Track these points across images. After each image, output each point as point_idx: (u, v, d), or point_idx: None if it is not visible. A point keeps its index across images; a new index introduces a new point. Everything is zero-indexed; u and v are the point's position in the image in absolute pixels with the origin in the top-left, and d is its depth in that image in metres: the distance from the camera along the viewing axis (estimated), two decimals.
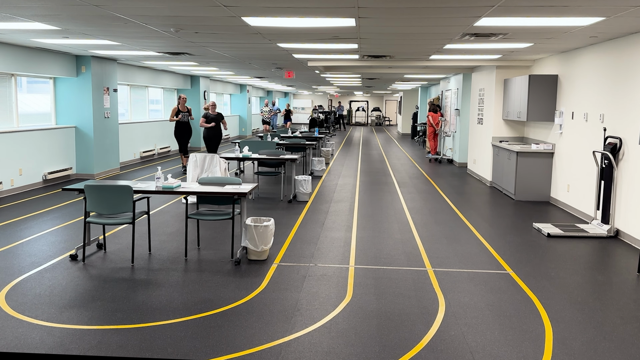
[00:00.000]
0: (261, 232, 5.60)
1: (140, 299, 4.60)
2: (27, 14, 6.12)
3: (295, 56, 10.51)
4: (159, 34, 7.58)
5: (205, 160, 8.71)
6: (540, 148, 9.46)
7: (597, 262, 5.93)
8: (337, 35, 7.41)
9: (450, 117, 15.83)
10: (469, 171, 13.46)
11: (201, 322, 4.14)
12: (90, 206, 5.51)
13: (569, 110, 8.81)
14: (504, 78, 11.16)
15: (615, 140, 7.16)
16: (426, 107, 23.21)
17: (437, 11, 5.52)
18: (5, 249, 6.04)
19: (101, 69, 11.76)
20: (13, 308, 4.36)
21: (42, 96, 11.23)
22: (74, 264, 5.53)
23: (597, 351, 3.74)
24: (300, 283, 5.04)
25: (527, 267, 5.67)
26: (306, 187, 9.18)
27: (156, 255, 5.91)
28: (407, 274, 5.37)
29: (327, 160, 15.02)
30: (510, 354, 3.68)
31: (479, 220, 7.90)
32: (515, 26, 6.37)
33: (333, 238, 6.72)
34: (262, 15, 5.94)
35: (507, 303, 4.63)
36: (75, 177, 11.60)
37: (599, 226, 7.24)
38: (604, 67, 7.60)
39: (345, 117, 40.49)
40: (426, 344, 3.80)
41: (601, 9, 5.29)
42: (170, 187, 5.67)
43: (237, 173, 12.27)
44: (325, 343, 3.80)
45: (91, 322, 4.11)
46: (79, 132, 11.58)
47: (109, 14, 6.05)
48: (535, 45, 8.21)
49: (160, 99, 17.02)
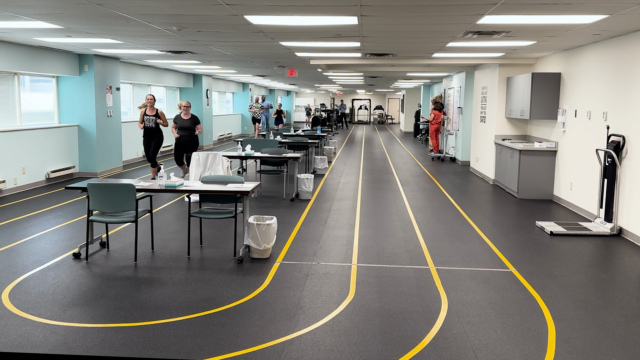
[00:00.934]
0: (264, 230, 5.61)
1: (143, 297, 4.61)
2: (30, 12, 6.13)
3: (297, 54, 10.51)
4: (161, 32, 7.59)
5: (208, 158, 8.72)
6: (543, 146, 9.44)
7: (600, 260, 5.92)
8: (340, 34, 7.40)
9: (453, 115, 15.81)
10: (471, 169, 13.45)
11: (204, 320, 4.14)
12: (93, 205, 5.52)
13: (572, 108, 8.79)
14: (507, 76, 11.14)
15: (618, 138, 7.14)
16: (429, 105, 23.19)
17: (440, 9, 5.51)
18: (9, 248, 6.05)
19: (104, 68, 11.77)
20: (16, 306, 4.37)
21: (45, 95, 11.24)
22: (77, 263, 5.55)
23: (599, 349, 3.74)
24: (302, 281, 5.05)
25: (529, 265, 5.66)
26: (308, 185, 9.18)
27: (159, 253, 5.92)
28: (410, 272, 5.37)
29: (330, 159, 15.02)
30: (512, 352, 3.67)
31: (482, 218, 7.89)
32: (518, 24, 6.35)
33: (335, 236, 6.72)
34: (265, 14, 5.94)
35: (510, 301, 4.62)
36: (78, 175, 11.62)
37: (602, 224, 7.22)
38: (607, 64, 7.58)
39: (347, 115, 40.49)
40: (429, 342, 3.80)
41: (604, 7, 5.28)
42: (173, 185, 5.68)
43: (240, 171, 12.28)
44: (328, 341, 3.80)
45: (94, 320, 4.12)
46: (81, 130, 11.60)
47: (112, 13, 6.05)
48: (538, 43, 8.19)
49: (163, 97, 17.03)
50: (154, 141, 10.41)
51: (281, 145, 11.88)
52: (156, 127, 10.32)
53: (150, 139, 10.42)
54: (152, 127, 10.28)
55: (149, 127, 10.28)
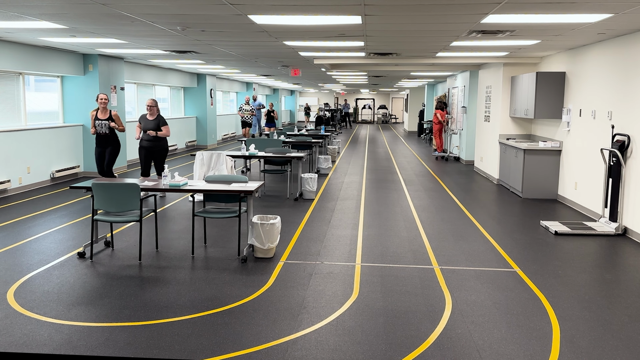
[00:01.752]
0: (267, 229, 5.61)
1: (147, 296, 4.62)
2: (34, 12, 6.15)
3: (301, 54, 10.51)
4: (165, 32, 7.60)
5: (212, 158, 8.73)
6: (547, 146, 9.42)
7: (605, 260, 5.90)
8: (344, 33, 7.40)
9: (457, 114, 15.78)
10: (475, 169, 13.42)
11: (208, 319, 4.15)
12: (97, 204, 5.53)
13: (576, 107, 8.77)
14: (511, 75, 11.11)
15: (623, 138, 7.11)
16: (433, 104, 23.15)
17: (444, 8, 5.50)
18: (14, 247, 6.08)
19: (108, 68, 11.80)
20: (22, 305, 4.39)
21: (50, 95, 11.28)
22: (82, 262, 5.56)
23: (604, 349, 3.73)
24: (306, 281, 5.05)
25: (534, 265, 5.65)
26: (312, 185, 9.18)
27: (163, 252, 5.93)
28: (414, 271, 5.36)
29: (334, 158, 15.01)
30: (517, 352, 3.67)
31: (486, 218, 7.88)
32: (523, 23, 6.33)
33: (339, 236, 6.72)
34: (268, 13, 5.95)
35: (514, 301, 4.61)
36: (82, 175, 11.65)
37: (607, 224, 7.20)
38: (612, 64, 7.55)
39: (351, 114, 40.47)
40: (433, 342, 3.80)
41: (609, 6, 5.26)
42: (177, 185, 5.69)
43: (244, 171, 12.29)
44: (332, 341, 3.80)
45: (99, 319, 4.13)
46: (86, 130, 11.63)
47: (116, 13, 6.07)
48: (542, 42, 8.17)
49: (167, 97, 17.07)
50: (108, 149, 8.76)
51: (285, 145, 11.89)
52: (110, 133, 8.71)
53: (103, 147, 8.76)
54: (106, 133, 8.67)
55: (102, 133, 8.67)
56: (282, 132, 14.65)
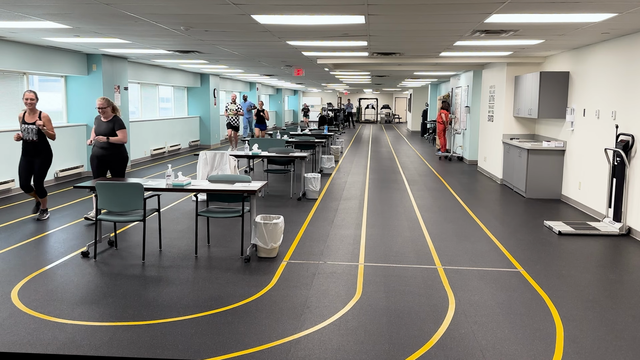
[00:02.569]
0: (271, 229, 5.61)
1: (151, 295, 4.63)
2: (38, 12, 6.16)
3: (304, 54, 10.51)
4: (169, 32, 7.61)
5: (215, 158, 8.74)
6: (551, 145, 9.39)
7: (609, 260, 5.88)
8: (347, 33, 7.40)
9: (461, 114, 15.76)
10: (479, 169, 13.40)
11: (211, 319, 4.16)
12: (101, 204, 5.55)
13: (580, 107, 8.74)
14: (515, 75, 11.09)
15: (627, 138, 7.09)
16: (436, 104, 23.14)
17: (447, 8, 5.50)
18: (18, 246, 6.10)
19: (112, 67, 11.83)
20: (25, 304, 4.40)
21: (54, 94, 11.31)
22: (86, 261, 5.58)
23: (608, 350, 3.72)
24: (309, 280, 5.05)
25: (537, 265, 5.64)
26: (315, 184, 9.18)
27: (167, 252, 5.94)
28: (417, 271, 5.36)
29: (337, 158, 15.01)
30: (520, 352, 3.66)
31: (490, 218, 7.86)
32: (526, 23, 6.32)
33: (342, 235, 6.71)
34: (272, 13, 5.95)
35: (518, 301, 4.61)
36: (86, 174, 11.68)
37: (611, 224, 7.18)
38: (616, 63, 7.53)
39: (354, 114, 40.45)
40: (436, 342, 3.79)
41: (613, 5, 5.24)
42: (181, 184, 5.70)
43: (247, 171, 12.30)
44: (335, 340, 3.80)
45: (102, 318, 4.14)
46: (90, 130, 11.66)
47: (120, 13, 6.08)
48: (546, 42, 8.15)
49: (171, 97, 17.10)
50: (37, 160, 7.17)
51: (288, 145, 11.89)
52: (40, 140, 7.13)
53: (31, 157, 7.16)
54: (34, 140, 7.08)
55: (29, 139, 7.09)
56: (285, 131, 14.64)
